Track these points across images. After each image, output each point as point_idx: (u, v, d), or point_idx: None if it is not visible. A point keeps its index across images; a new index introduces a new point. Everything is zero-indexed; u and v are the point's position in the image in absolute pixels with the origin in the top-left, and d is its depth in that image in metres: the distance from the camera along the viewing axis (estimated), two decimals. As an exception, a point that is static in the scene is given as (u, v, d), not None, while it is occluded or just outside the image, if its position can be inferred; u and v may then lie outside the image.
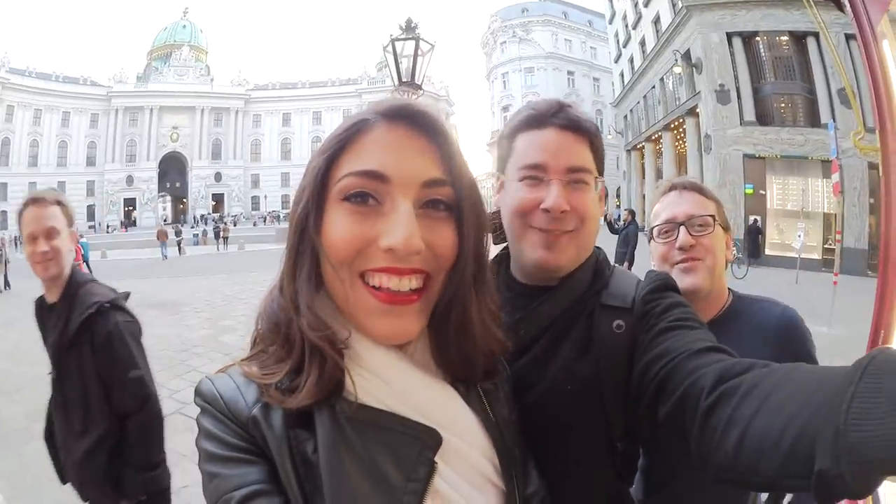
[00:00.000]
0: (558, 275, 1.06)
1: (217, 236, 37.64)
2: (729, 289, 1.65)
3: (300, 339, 0.70)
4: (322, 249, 0.71)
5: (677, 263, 1.56)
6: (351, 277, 0.70)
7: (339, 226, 0.69)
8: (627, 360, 0.94)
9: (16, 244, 42.57)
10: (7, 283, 17.70)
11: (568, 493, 0.95)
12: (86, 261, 21.55)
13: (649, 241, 1.71)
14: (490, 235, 0.84)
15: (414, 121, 0.73)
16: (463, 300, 0.75)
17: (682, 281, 1.50)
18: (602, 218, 1.15)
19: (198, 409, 0.74)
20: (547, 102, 1.10)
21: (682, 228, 1.56)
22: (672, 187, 1.67)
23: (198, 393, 0.74)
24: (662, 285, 1.02)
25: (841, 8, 1.64)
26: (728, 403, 0.65)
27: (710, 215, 1.57)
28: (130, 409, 2.12)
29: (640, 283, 1.06)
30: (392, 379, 0.72)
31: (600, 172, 1.10)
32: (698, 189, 1.64)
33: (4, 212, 58.30)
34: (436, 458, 0.69)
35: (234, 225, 54.95)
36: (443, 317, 0.75)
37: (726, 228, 1.64)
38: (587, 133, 1.07)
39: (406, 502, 0.66)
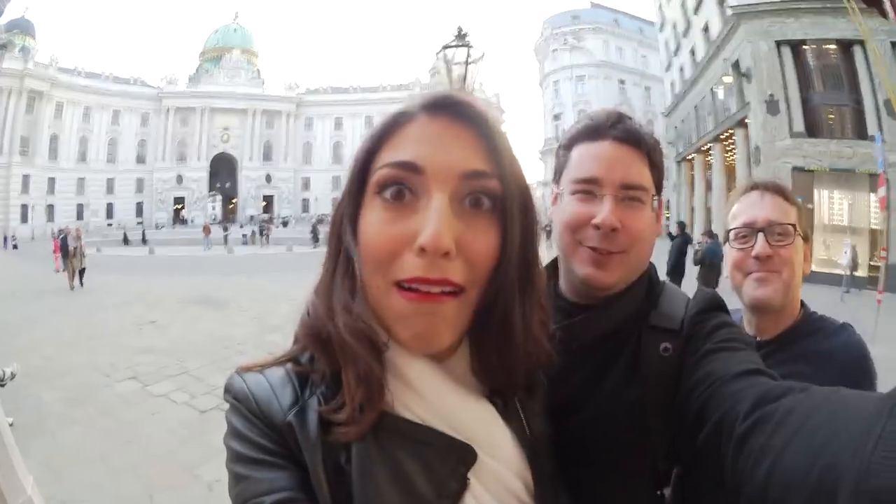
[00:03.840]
0: (607, 294, 1.01)
1: (261, 233, 39.41)
2: (802, 303, 1.53)
3: (338, 342, 0.67)
4: (356, 252, 0.69)
5: (751, 273, 1.46)
6: (386, 285, 0.66)
7: (374, 223, 0.66)
8: (674, 385, 0.89)
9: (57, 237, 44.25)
10: (81, 281, 16.51)
11: None
12: (65, 255, 22.67)
13: (723, 243, 1.61)
14: (543, 239, 0.80)
15: (456, 111, 0.69)
16: (505, 304, 0.69)
17: (754, 292, 1.45)
18: (657, 236, 1.09)
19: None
20: (606, 113, 1.05)
21: (761, 236, 1.43)
22: (753, 187, 1.53)
23: (228, 389, 0.72)
24: (711, 305, 0.98)
25: (884, 15, 1.53)
26: (762, 431, 0.63)
27: (791, 224, 1.44)
28: None
29: (689, 303, 1.01)
30: (427, 392, 0.69)
31: (658, 190, 1.04)
32: (781, 192, 1.50)
33: (52, 205, 60.76)
34: (468, 475, 0.68)
35: (285, 226, 56.12)
36: (483, 322, 0.70)
37: (806, 239, 1.50)
38: (646, 147, 1.01)
39: None
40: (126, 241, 42.07)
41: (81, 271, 16.48)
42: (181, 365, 7.87)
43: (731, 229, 1.52)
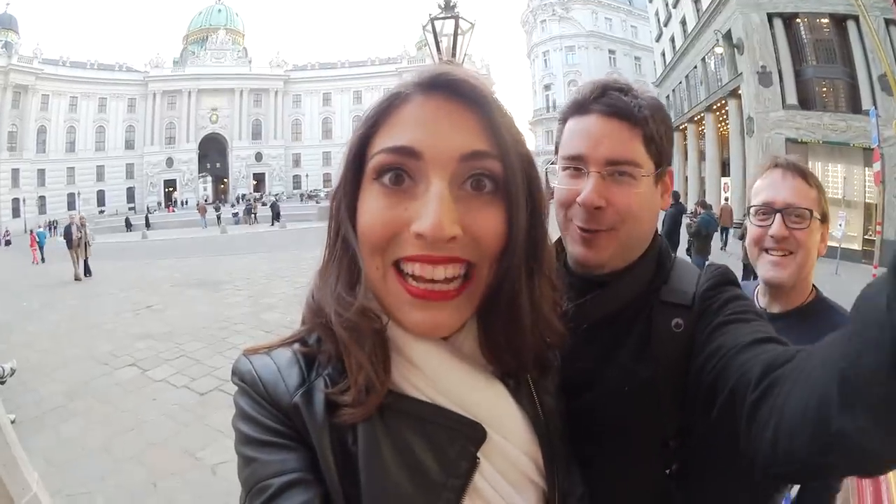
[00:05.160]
0: (603, 271, 1.00)
1: (249, 213, 39.59)
2: (814, 286, 1.58)
3: (337, 331, 0.66)
4: (354, 238, 0.68)
5: (768, 250, 1.52)
6: (384, 266, 0.65)
7: (372, 209, 0.65)
8: (686, 361, 0.88)
9: (50, 228, 43.38)
10: (88, 270, 16.19)
11: (617, 492, 0.91)
12: (41, 247, 22.79)
13: (744, 217, 1.66)
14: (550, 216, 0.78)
15: (452, 90, 0.66)
16: (512, 286, 0.67)
17: (767, 273, 1.51)
18: (660, 210, 1.06)
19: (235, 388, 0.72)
20: (591, 85, 1.01)
21: (778, 217, 1.49)
22: (776, 165, 1.57)
23: (235, 372, 0.72)
24: (723, 280, 0.97)
25: None
26: (771, 395, 0.63)
27: (807, 209, 1.49)
28: None
29: (700, 278, 0.99)
30: (434, 371, 0.68)
31: (658, 164, 1.00)
32: (802, 174, 1.54)
33: (43, 197, 60.23)
34: (478, 454, 0.67)
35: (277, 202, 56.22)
36: (490, 304, 0.69)
37: (825, 220, 1.55)
38: (635, 120, 0.96)
39: (445, 498, 0.64)
40: (129, 225, 42.21)
41: (86, 261, 16.12)
42: (179, 348, 7.87)
43: (751, 206, 1.57)
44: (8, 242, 38.51)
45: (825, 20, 20.27)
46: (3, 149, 55.42)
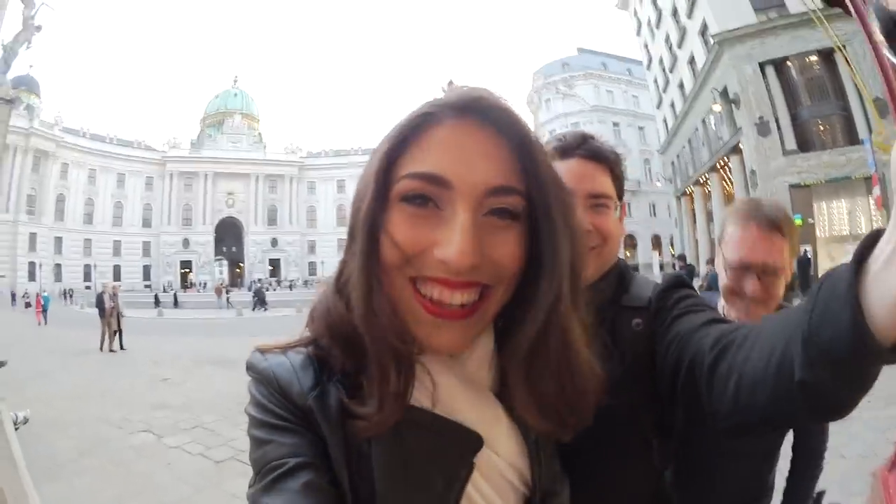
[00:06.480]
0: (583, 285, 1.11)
1: (261, 301, 37.15)
2: (781, 305, 1.60)
3: (371, 344, 0.66)
4: (378, 251, 0.67)
5: (740, 303, 1.54)
6: (402, 282, 0.66)
7: (399, 227, 0.65)
8: (649, 354, 1.01)
9: (66, 297, 43.60)
10: (122, 344, 15.60)
11: (605, 492, 0.98)
12: (45, 311, 22.94)
13: (715, 260, 1.69)
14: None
15: (486, 117, 0.66)
16: (561, 329, 0.68)
17: (741, 316, 1.53)
18: (622, 235, 1.28)
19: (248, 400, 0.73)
20: (573, 134, 1.23)
21: (754, 279, 1.51)
22: (752, 218, 1.57)
23: (250, 366, 0.74)
24: (675, 283, 1.11)
25: (849, 13, 1.53)
26: (725, 357, 0.71)
27: (782, 264, 1.53)
28: None
29: (656, 286, 1.14)
30: (439, 388, 0.70)
31: (620, 197, 1.22)
32: (778, 228, 1.54)
33: (59, 265, 61.19)
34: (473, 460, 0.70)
35: (291, 289, 56.47)
36: (535, 355, 0.68)
37: (794, 254, 1.60)
38: (608, 162, 1.20)
39: (443, 501, 0.67)
40: (157, 302, 42.43)
41: (117, 332, 15.55)
42: (196, 419, 7.78)
43: (726, 261, 1.56)
44: (28, 304, 39.09)
45: (814, 57, 21.10)
46: (22, 211, 56.91)
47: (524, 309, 0.69)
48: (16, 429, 5.14)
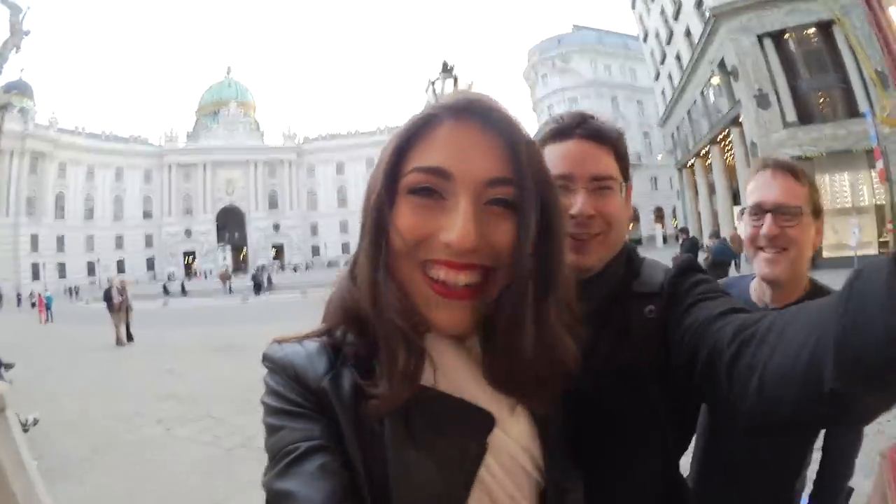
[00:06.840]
0: (590, 274, 1.08)
1: (258, 287, 37.00)
2: (811, 279, 1.64)
3: (379, 325, 0.71)
4: (389, 239, 0.72)
5: (762, 248, 1.57)
6: (411, 266, 0.71)
7: (407, 216, 0.71)
8: (663, 342, 0.96)
9: (71, 294, 43.87)
10: (130, 336, 15.98)
11: (618, 484, 0.97)
12: (49, 309, 23.25)
13: (740, 216, 1.72)
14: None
15: (483, 118, 0.73)
16: (515, 301, 0.72)
17: (763, 269, 1.57)
18: (630, 218, 1.21)
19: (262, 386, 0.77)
20: (570, 115, 1.15)
21: (769, 217, 1.55)
22: (766, 165, 1.63)
23: (267, 357, 0.78)
24: (687, 267, 1.06)
25: None
26: (746, 352, 0.68)
27: (797, 206, 1.55)
28: None
29: (668, 270, 1.08)
30: (446, 366, 0.73)
31: (625, 178, 1.14)
32: (792, 172, 1.59)
33: (63, 263, 61.71)
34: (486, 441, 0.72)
35: (295, 271, 56.41)
36: (492, 327, 0.73)
37: (818, 214, 1.61)
38: (610, 141, 1.11)
39: (460, 482, 0.69)
40: (166, 291, 42.90)
41: (128, 325, 15.89)
42: (205, 409, 7.86)
43: (744, 207, 1.65)
44: (33, 304, 39.56)
45: (812, 30, 20.70)
46: (22, 213, 57.32)
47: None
48: (25, 431, 5.21)
